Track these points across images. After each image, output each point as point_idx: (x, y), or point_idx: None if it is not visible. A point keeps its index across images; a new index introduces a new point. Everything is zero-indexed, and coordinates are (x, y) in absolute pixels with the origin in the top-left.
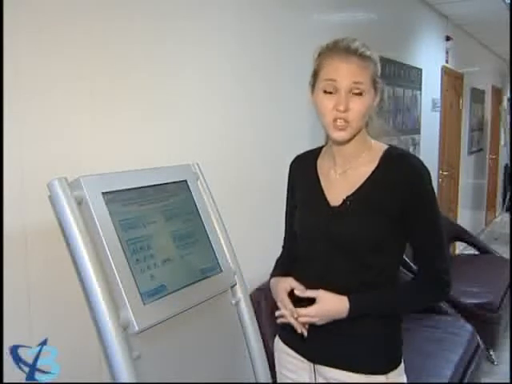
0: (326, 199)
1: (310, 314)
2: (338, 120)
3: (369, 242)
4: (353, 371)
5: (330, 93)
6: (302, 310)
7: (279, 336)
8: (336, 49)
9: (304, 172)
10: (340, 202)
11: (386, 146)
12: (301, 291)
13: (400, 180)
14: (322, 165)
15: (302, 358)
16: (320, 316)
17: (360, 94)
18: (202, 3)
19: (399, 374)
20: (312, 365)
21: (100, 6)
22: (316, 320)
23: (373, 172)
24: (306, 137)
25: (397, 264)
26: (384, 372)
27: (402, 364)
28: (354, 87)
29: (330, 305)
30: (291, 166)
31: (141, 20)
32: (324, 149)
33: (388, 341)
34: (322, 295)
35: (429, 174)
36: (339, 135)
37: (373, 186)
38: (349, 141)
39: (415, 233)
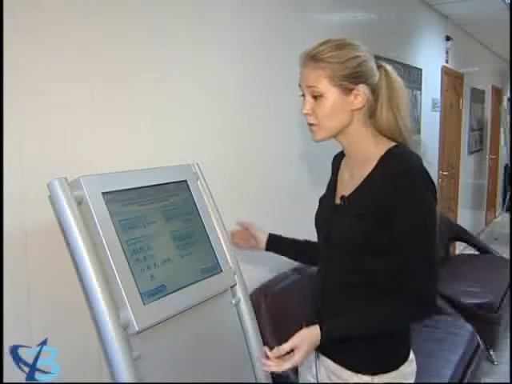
0: (334, 197)
1: (285, 348)
2: (308, 124)
3: (356, 243)
4: (343, 366)
5: (304, 97)
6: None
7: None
8: (302, 54)
9: (333, 170)
10: (340, 202)
11: (390, 145)
12: (277, 351)
13: (386, 178)
14: (343, 164)
15: None
16: (299, 345)
17: (318, 96)
18: (202, 3)
19: (391, 379)
20: (316, 352)
21: (100, 6)
22: (298, 349)
23: (370, 172)
24: (305, 137)
25: (395, 267)
26: (371, 373)
27: (399, 372)
28: (311, 91)
29: (304, 335)
30: (332, 163)
31: (141, 20)
32: None
33: (379, 343)
34: (296, 335)
35: (423, 174)
36: (312, 137)
37: (366, 187)
38: (345, 141)
39: (397, 236)
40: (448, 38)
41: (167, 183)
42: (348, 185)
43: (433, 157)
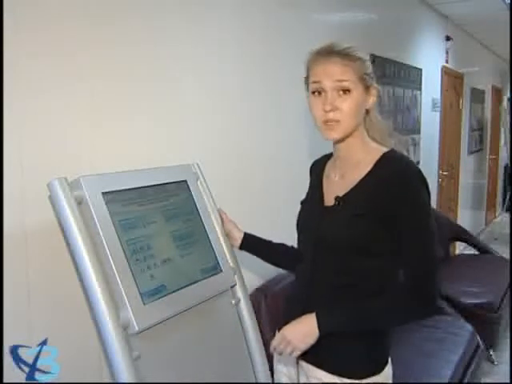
0: (322, 200)
1: (276, 341)
2: (328, 121)
3: (352, 243)
4: (326, 371)
5: (319, 94)
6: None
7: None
8: (320, 51)
9: (315, 174)
10: (332, 203)
11: (385, 150)
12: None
13: (383, 181)
14: (328, 167)
15: None
16: (290, 337)
17: (346, 91)
18: (202, 3)
19: (379, 381)
20: (295, 359)
21: (100, 6)
22: (290, 342)
23: (366, 175)
24: (305, 137)
25: (390, 269)
26: (359, 377)
27: (383, 374)
28: (339, 86)
29: (297, 325)
30: (310, 169)
31: (141, 20)
32: None
33: (368, 346)
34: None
35: (419, 178)
36: (330, 135)
37: (361, 188)
38: (345, 143)
39: (397, 238)
40: (448, 38)
41: (167, 183)
42: (340, 187)
43: (433, 157)
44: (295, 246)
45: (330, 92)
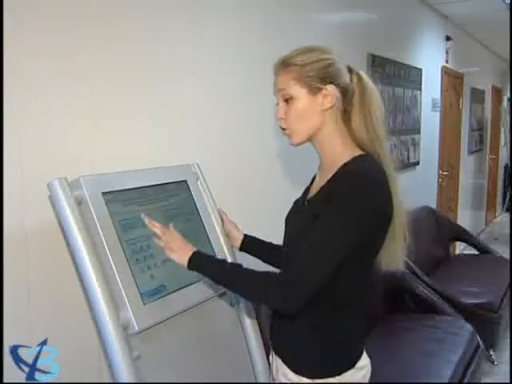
0: (303, 200)
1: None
2: (283, 129)
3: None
4: (288, 367)
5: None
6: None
7: None
8: (273, 66)
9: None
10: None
11: (357, 153)
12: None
13: (329, 185)
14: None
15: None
16: (166, 239)
17: (288, 99)
18: (202, 3)
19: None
20: (271, 350)
21: (100, 6)
22: (163, 242)
23: (331, 177)
24: None
25: (347, 280)
26: (311, 376)
27: (343, 376)
28: (282, 94)
29: (180, 241)
30: None
31: (141, 20)
32: None
33: (328, 347)
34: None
35: (362, 189)
36: (289, 141)
37: (321, 191)
38: (317, 146)
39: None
40: (448, 38)
41: (167, 183)
42: (315, 189)
43: (433, 157)
44: None
45: (279, 103)
